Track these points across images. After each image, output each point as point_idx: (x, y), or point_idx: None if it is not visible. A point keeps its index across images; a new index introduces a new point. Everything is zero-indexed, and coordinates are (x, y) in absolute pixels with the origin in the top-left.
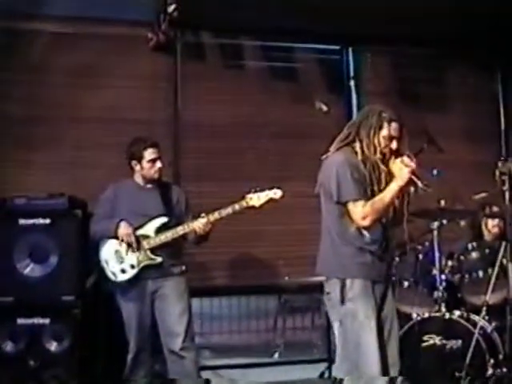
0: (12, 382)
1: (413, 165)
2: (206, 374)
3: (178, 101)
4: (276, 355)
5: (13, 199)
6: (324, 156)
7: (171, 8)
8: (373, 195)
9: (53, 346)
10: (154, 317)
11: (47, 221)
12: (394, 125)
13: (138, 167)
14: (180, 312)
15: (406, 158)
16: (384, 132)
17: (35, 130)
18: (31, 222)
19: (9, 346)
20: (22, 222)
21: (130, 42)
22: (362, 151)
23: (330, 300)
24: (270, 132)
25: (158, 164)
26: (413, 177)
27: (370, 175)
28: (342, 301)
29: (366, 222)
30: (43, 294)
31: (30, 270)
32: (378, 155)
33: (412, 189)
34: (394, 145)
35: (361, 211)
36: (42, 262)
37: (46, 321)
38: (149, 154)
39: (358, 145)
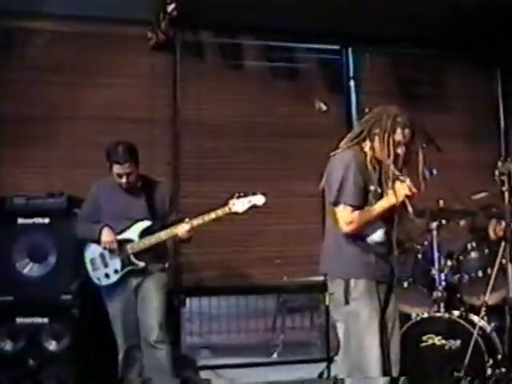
0: (11, 381)
1: (414, 190)
2: (205, 374)
3: (177, 100)
4: (275, 355)
5: (12, 198)
6: (333, 153)
7: (171, 7)
8: (381, 196)
9: (52, 345)
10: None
11: (46, 220)
12: (407, 131)
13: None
14: (156, 306)
15: (409, 182)
16: (397, 137)
17: (34, 129)
18: (30, 221)
19: (8, 345)
20: (20, 221)
21: (129, 41)
22: (372, 151)
23: (333, 300)
24: (270, 131)
25: (124, 179)
26: (407, 202)
27: (378, 176)
28: (346, 301)
29: (349, 229)
30: (42, 293)
31: (28, 269)
32: (388, 157)
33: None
34: (400, 150)
35: (349, 216)
36: (41, 262)
37: (45, 320)
38: (115, 168)
39: (368, 144)
